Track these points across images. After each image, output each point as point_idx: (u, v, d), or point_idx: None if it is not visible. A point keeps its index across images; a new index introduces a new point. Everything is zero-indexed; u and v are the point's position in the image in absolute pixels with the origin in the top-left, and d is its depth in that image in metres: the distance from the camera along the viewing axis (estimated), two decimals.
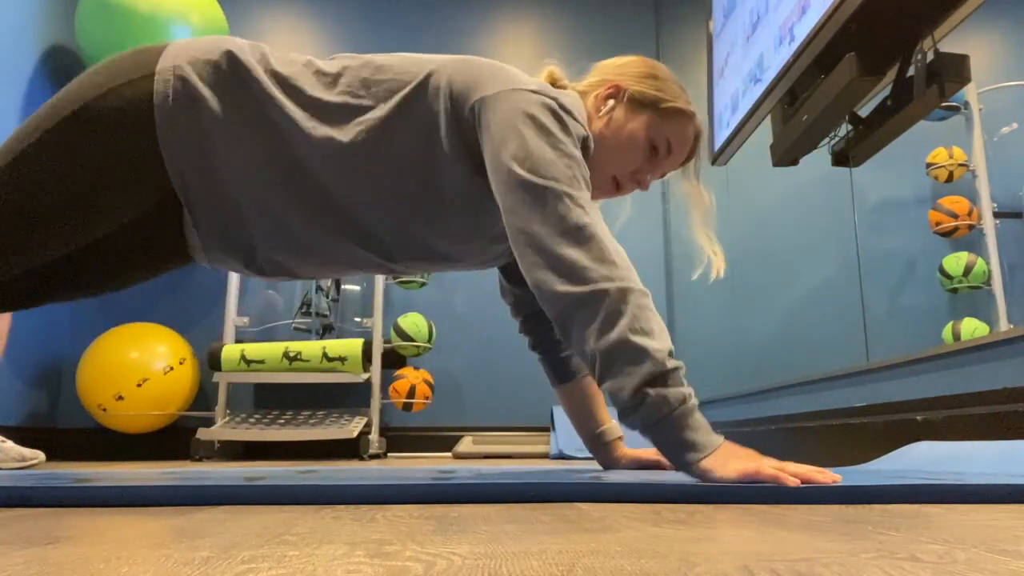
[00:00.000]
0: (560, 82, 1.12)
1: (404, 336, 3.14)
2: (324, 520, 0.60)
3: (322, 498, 0.75)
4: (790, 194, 3.02)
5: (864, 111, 2.01)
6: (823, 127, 2.08)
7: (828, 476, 0.79)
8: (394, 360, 3.21)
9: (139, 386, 2.88)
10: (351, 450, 3.01)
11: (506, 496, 0.78)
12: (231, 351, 2.94)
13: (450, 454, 3.17)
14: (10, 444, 2.09)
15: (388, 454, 3.27)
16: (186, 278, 3.36)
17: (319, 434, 2.81)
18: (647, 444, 0.86)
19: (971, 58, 1.63)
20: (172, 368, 2.97)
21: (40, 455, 2.14)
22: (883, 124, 1.89)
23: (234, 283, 3.24)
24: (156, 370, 2.92)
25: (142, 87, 0.93)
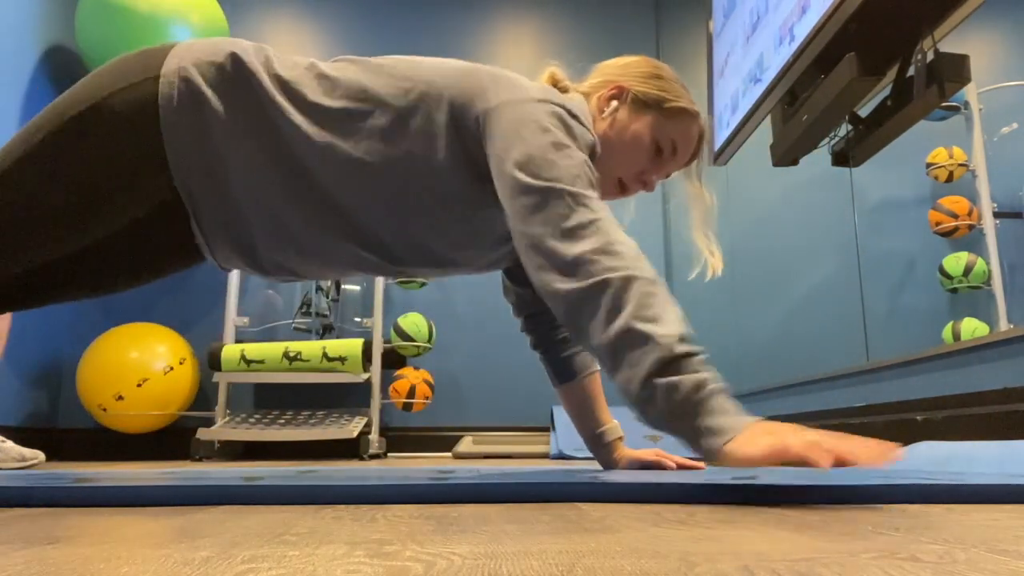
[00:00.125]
0: (562, 83, 1.11)
1: (404, 336, 3.14)
2: (324, 520, 0.60)
3: (322, 498, 0.75)
4: (790, 194, 3.02)
5: (864, 111, 2.01)
6: (823, 127, 2.08)
7: (874, 451, 0.67)
8: (394, 360, 3.21)
9: (139, 386, 2.88)
10: (351, 450, 3.01)
11: (506, 496, 0.78)
12: (231, 351, 2.94)
13: (450, 454, 3.17)
14: (10, 444, 2.09)
15: (388, 454, 3.27)
16: (186, 278, 3.36)
17: (319, 434, 2.81)
18: (647, 444, 0.86)
19: (971, 58, 1.63)
20: (172, 368, 2.97)
21: (40, 455, 2.14)
22: (883, 124, 1.89)
23: (234, 283, 3.24)
24: (156, 370, 2.92)
25: (148, 89, 0.93)
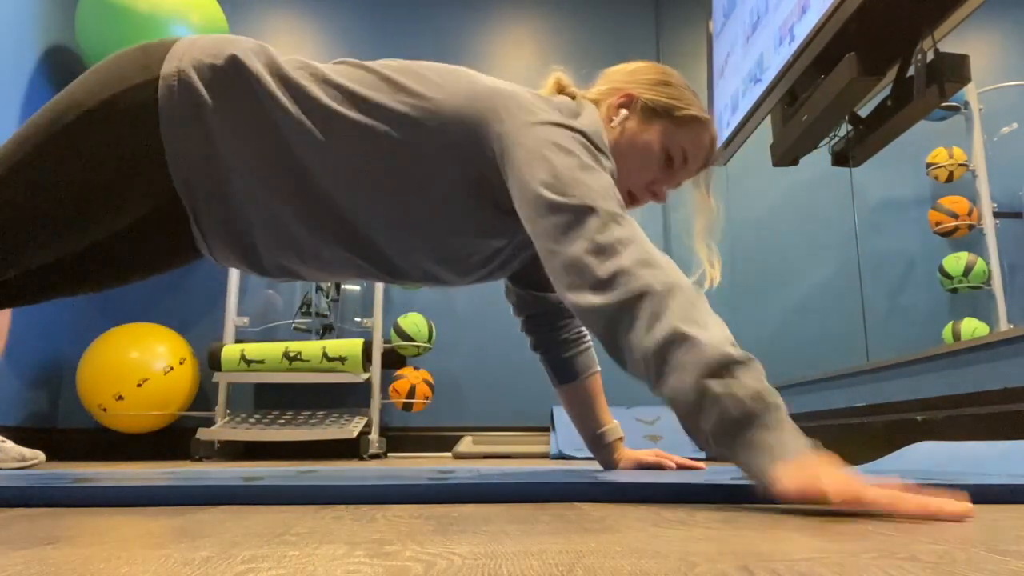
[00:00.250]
0: (568, 89, 1.09)
1: (404, 336, 3.14)
2: (324, 520, 0.60)
3: (322, 498, 0.75)
4: (790, 194, 3.02)
5: (864, 111, 2.01)
6: (823, 127, 2.09)
7: (953, 508, 0.60)
8: (394, 360, 3.21)
9: (139, 386, 2.88)
10: (351, 450, 3.01)
11: (506, 496, 0.78)
12: (231, 351, 2.94)
13: (450, 454, 3.17)
14: (10, 444, 2.09)
15: (388, 454, 3.27)
16: (186, 278, 3.36)
17: (319, 434, 2.81)
18: (647, 444, 0.85)
19: (971, 58, 1.63)
20: (172, 368, 2.97)
21: (40, 455, 2.14)
22: (883, 124, 1.89)
23: (234, 283, 3.24)
24: (156, 370, 2.92)
25: (146, 91, 0.92)
